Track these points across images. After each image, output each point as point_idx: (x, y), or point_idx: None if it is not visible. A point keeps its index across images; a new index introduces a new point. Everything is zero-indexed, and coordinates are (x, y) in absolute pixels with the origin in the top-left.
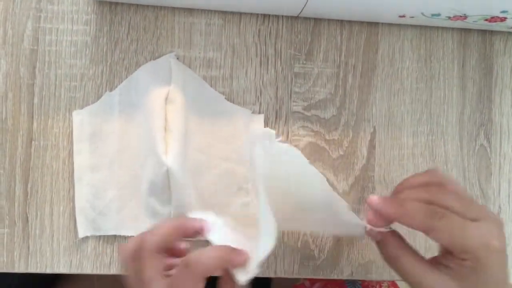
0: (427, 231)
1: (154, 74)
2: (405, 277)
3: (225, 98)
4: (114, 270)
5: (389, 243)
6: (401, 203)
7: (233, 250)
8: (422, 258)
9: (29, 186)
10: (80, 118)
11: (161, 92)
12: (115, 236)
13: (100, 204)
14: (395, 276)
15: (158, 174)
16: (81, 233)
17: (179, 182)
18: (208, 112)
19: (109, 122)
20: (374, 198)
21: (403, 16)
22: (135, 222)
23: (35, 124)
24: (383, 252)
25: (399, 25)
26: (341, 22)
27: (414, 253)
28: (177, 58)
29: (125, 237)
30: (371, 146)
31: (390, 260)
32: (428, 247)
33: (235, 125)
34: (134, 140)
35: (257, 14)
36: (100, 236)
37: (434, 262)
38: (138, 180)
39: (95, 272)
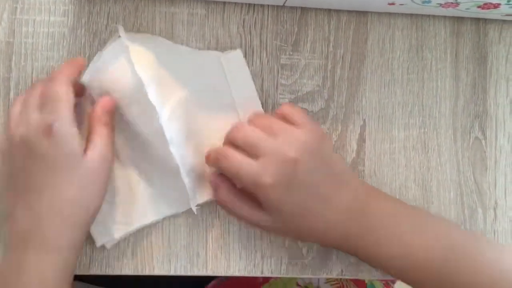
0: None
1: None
2: (239, 218)
3: None
4: (94, 270)
5: (221, 187)
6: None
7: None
8: (251, 199)
9: None
10: None
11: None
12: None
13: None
14: (386, 275)
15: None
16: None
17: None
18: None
19: None
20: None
21: (393, 4)
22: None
23: None
24: (217, 196)
25: (389, 14)
26: (328, 11)
27: (244, 195)
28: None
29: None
30: (361, 140)
31: (224, 204)
32: None
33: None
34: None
35: (242, 4)
36: None
37: None
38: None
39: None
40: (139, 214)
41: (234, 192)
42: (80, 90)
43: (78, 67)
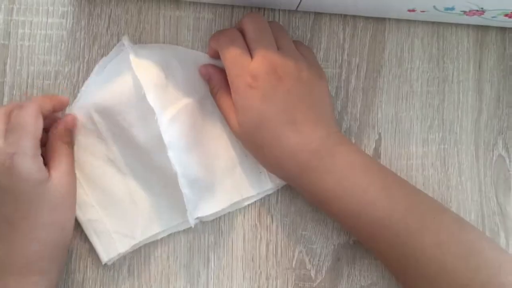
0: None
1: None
2: (219, 109)
3: None
4: None
5: (213, 77)
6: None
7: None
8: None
9: None
10: None
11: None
12: (88, 251)
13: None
14: None
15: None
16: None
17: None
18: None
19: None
20: None
21: (413, 11)
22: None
23: None
24: (210, 84)
25: (408, 21)
26: (344, 17)
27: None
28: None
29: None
30: (376, 155)
31: (212, 94)
32: None
33: None
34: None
35: (251, 8)
36: (71, 252)
37: None
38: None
39: None
40: (143, 226)
41: (224, 85)
42: (50, 123)
43: (56, 103)
